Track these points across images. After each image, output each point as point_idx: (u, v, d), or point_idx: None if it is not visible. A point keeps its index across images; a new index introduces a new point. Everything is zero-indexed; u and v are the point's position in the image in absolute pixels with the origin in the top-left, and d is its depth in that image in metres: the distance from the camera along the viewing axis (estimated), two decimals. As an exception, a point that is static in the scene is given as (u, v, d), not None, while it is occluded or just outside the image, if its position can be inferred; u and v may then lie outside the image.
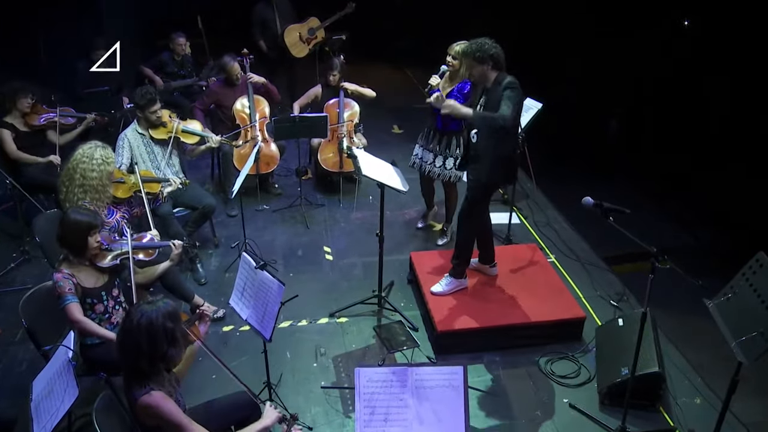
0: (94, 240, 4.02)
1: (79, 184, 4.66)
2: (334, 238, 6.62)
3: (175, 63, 8.48)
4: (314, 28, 8.99)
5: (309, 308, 5.53)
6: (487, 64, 4.70)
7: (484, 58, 4.67)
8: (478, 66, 4.73)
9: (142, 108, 5.73)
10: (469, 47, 4.76)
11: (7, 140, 6.12)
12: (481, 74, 4.77)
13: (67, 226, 3.99)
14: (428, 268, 5.62)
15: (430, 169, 6.12)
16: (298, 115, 6.58)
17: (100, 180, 4.68)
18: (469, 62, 4.79)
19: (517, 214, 6.94)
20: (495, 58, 4.69)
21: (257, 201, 7.20)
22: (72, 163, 4.71)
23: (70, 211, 4.04)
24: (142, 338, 2.99)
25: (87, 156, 4.68)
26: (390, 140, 8.81)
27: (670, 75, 9.52)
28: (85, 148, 4.73)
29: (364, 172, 4.79)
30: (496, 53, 4.68)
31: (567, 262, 6.21)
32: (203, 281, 5.87)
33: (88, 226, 3.98)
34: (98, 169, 4.67)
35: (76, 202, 4.65)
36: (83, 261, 4.06)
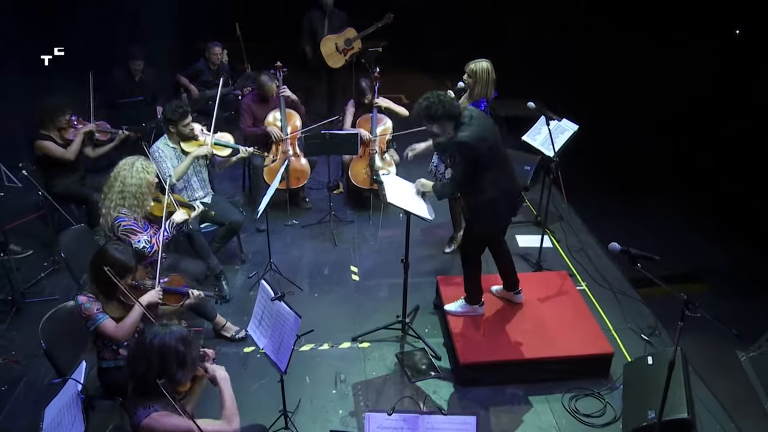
0: (126, 283, 3.95)
1: (118, 190, 4.70)
2: (362, 257, 6.55)
3: (211, 72, 8.50)
4: (351, 39, 8.94)
5: (332, 331, 5.48)
6: (441, 121, 4.60)
7: (436, 118, 4.58)
8: (435, 125, 4.64)
9: (175, 122, 5.74)
10: (417, 113, 4.66)
11: (52, 147, 6.20)
12: (442, 130, 4.68)
13: (101, 262, 3.88)
14: (454, 295, 5.50)
15: (441, 179, 6.06)
16: (329, 132, 6.51)
17: (139, 187, 4.71)
18: (426, 124, 4.70)
19: (550, 237, 6.78)
20: (446, 114, 4.58)
21: (287, 215, 7.16)
22: (114, 172, 4.78)
23: (108, 248, 3.96)
24: (153, 356, 3.00)
25: (128, 164, 4.75)
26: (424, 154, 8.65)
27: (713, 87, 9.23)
28: (127, 159, 4.81)
29: (389, 199, 4.70)
30: (443, 113, 4.56)
31: (598, 291, 6.03)
32: (228, 298, 5.84)
33: (123, 268, 3.91)
34: (137, 176, 4.71)
35: (113, 208, 4.69)
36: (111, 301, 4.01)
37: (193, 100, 8.47)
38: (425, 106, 4.56)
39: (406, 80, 11.36)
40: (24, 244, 6.53)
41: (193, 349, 3.16)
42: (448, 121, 4.59)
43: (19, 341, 5.38)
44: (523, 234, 6.77)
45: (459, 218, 6.55)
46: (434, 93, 4.59)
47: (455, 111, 4.59)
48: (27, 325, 5.48)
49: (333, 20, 8.95)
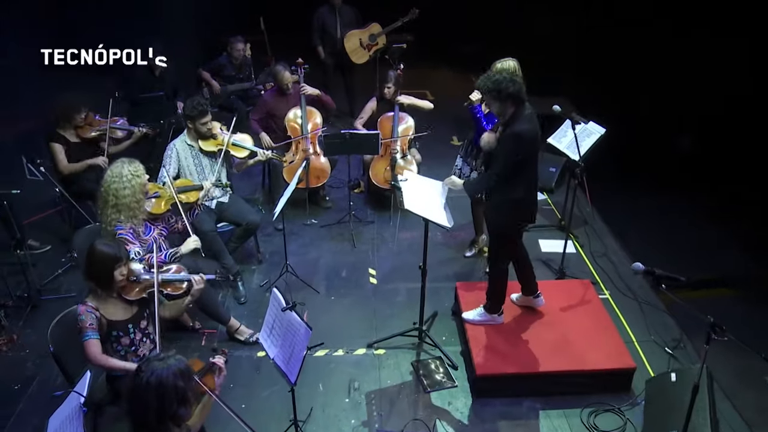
0: (120, 273, 3.94)
1: (112, 204, 4.59)
2: (381, 259, 6.44)
3: (233, 66, 8.41)
4: (375, 35, 8.81)
5: (347, 336, 5.39)
6: (506, 102, 4.47)
7: (502, 97, 4.44)
8: (496, 103, 4.51)
9: (193, 119, 5.67)
10: (485, 84, 4.50)
11: (58, 155, 6.16)
12: (500, 110, 4.55)
13: (93, 258, 3.92)
14: (473, 301, 5.37)
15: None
16: (349, 131, 6.39)
17: (133, 196, 4.61)
18: (487, 99, 4.57)
19: (574, 242, 6.61)
20: (514, 96, 4.44)
21: (306, 214, 7.07)
22: (104, 185, 4.63)
23: (96, 244, 3.96)
24: (151, 397, 2.89)
25: (116, 175, 4.59)
26: (447, 153, 8.46)
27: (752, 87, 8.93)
28: (113, 168, 4.64)
29: (407, 206, 4.58)
30: (514, 91, 4.43)
31: (622, 300, 5.86)
32: (243, 300, 5.78)
33: (113, 258, 3.91)
34: (130, 185, 4.59)
35: (110, 224, 4.60)
36: (110, 294, 3.99)
37: (215, 95, 8.39)
38: (496, 80, 4.41)
39: (431, 75, 11.21)
40: (42, 240, 6.53)
41: (194, 381, 3.07)
42: (512, 105, 4.46)
43: (34, 339, 5.36)
44: (547, 239, 6.61)
45: (481, 221, 6.40)
46: (510, 72, 4.48)
47: (523, 98, 4.47)
48: (42, 323, 5.39)
49: (344, 16, 8.85)
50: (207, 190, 5.23)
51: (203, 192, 5.18)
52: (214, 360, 3.64)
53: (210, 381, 3.53)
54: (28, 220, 6.74)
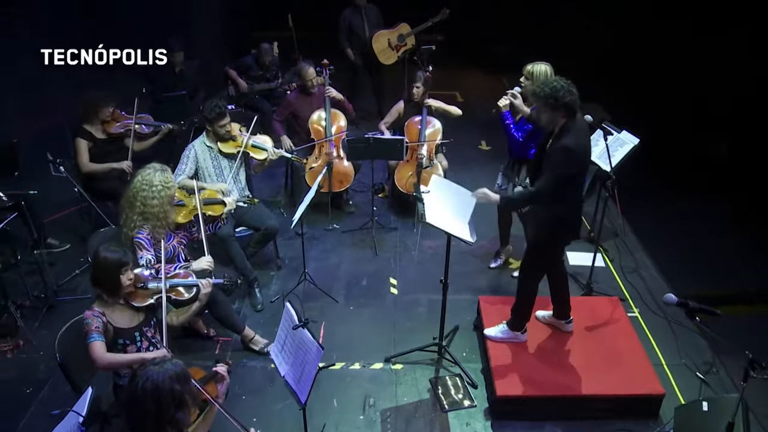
0: (126, 278, 3.85)
1: (139, 212, 4.50)
2: (402, 268, 6.27)
3: (260, 66, 8.30)
4: (404, 35, 8.63)
5: (364, 349, 5.23)
6: (559, 112, 4.23)
7: (557, 106, 4.20)
8: (549, 112, 4.26)
9: (211, 121, 5.58)
10: (541, 90, 4.23)
11: (82, 151, 6.12)
12: (550, 121, 4.31)
13: (98, 264, 3.84)
14: (496, 317, 5.18)
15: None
16: (373, 136, 6.23)
17: (161, 207, 4.52)
18: (540, 106, 4.30)
19: (603, 255, 6.39)
20: (569, 107, 4.21)
21: (328, 219, 6.92)
22: (132, 190, 4.55)
23: (100, 249, 3.87)
24: (148, 402, 2.80)
25: (147, 183, 4.50)
26: (475, 158, 8.35)
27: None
28: (144, 174, 4.55)
29: (428, 219, 4.39)
30: (570, 101, 4.19)
31: (652, 319, 5.62)
32: (260, 308, 5.65)
33: (118, 263, 3.81)
34: (159, 195, 4.51)
35: (133, 228, 4.50)
36: (117, 300, 3.89)
37: (240, 93, 8.30)
38: (554, 87, 4.16)
39: (461, 77, 11.02)
40: (62, 238, 6.46)
41: (191, 385, 2.96)
42: (564, 117, 4.23)
43: (49, 340, 5.25)
44: (575, 251, 6.36)
45: (508, 232, 6.22)
46: (565, 80, 4.21)
47: (576, 110, 4.25)
48: (57, 324, 5.25)
49: (370, 16, 8.70)
50: (231, 208, 5.11)
51: (227, 209, 5.09)
52: (216, 368, 3.57)
53: (212, 389, 3.42)
54: (49, 218, 6.73)
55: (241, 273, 5.56)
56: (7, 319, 5.42)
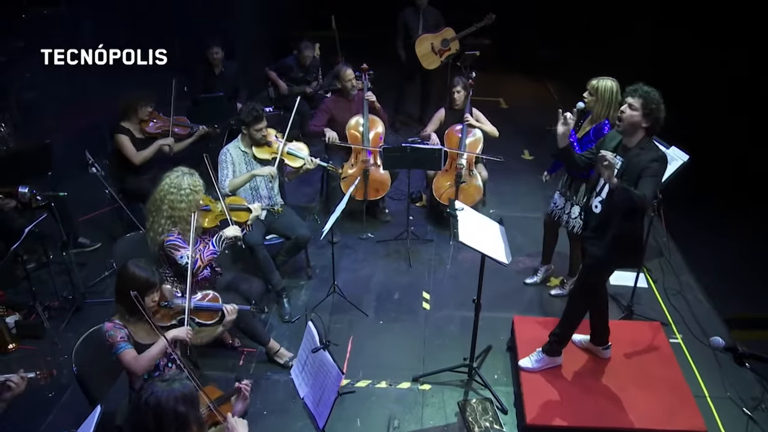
0: (151, 300, 3.70)
1: (167, 216, 4.38)
2: (437, 282, 6.07)
3: (301, 68, 8.18)
4: (448, 39, 8.41)
5: (392, 367, 5.05)
6: (647, 123, 4.00)
7: (651, 118, 3.98)
8: (641, 118, 4.00)
9: (248, 125, 5.46)
10: (649, 93, 3.98)
11: (127, 145, 6.11)
12: (633, 125, 4.04)
13: (124, 280, 3.68)
14: (531, 339, 4.95)
15: (560, 215, 5.51)
16: (410, 144, 6.03)
17: (189, 210, 4.39)
18: (637, 105, 4.00)
19: (646, 275, 6.10)
20: (659, 122, 4.01)
21: (362, 227, 6.76)
22: (159, 193, 4.42)
23: (129, 265, 3.71)
24: (149, 418, 2.69)
25: (174, 186, 4.38)
26: (517, 168, 8.07)
27: None
28: (173, 177, 4.43)
29: (461, 238, 4.18)
30: (662, 118, 4.00)
31: (695, 346, 5.31)
32: (287, 318, 5.51)
33: (145, 284, 3.65)
34: (186, 199, 4.37)
35: (160, 233, 4.39)
36: (140, 318, 3.76)
37: (280, 95, 8.19)
38: (661, 102, 3.97)
39: (505, 82, 10.75)
40: (93, 237, 6.44)
41: (198, 408, 2.83)
42: (645, 132, 4.03)
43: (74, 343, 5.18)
44: (617, 270, 6.07)
45: (551, 249, 5.99)
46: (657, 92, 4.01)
47: (658, 129, 4.06)
48: (83, 327, 5.20)
49: (428, 18, 8.46)
50: (257, 215, 4.97)
51: (253, 215, 4.93)
52: (239, 384, 3.47)
53: (227, 408, 3.28)
54: (83, 217, 6.72)
55: (268, 282, 5.44)
56: (35, 320, 5.39)
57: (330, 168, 5.97)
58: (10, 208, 5.68)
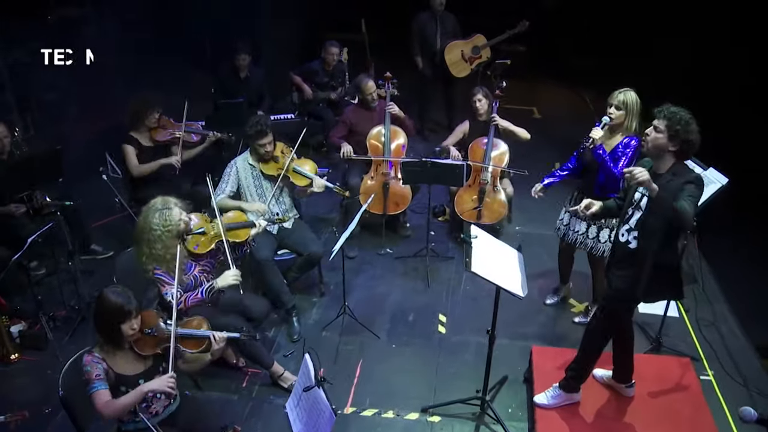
0: (129, 327, 3.48)
1: (146, 253, 4.15)
2: (454, 303, 5.80)
3: (326, 73, 7.97)
4: (479, 47, 8.12)
5: (401, 396, 4.79)
6: (674, 146, 3.70)
7: (678, 140, 3.68)
8: (666, 141, 3.71)
9: (250, 138, 5.26)
10: (675, 114, 3.69)
11: (130, 156, 5.98)
12: (658, 148, 3.76)
13: (99, 308, 3.50)
14: (549, 371, 4.66)
15: (582, 240, 5.17)
16: (430, 159, 5.77)
17: (166, 250, 4.11)
18: (662, 126, 3.72)
19: (678, 304, 5.75)
20: (689, 145, 3.70)
21: (381, 242, 6.52)
22: (137, 230, 4.21)
23: (105, 291, 3.52)
24: None
25: (147, 226, 4.12)
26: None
27: None
28: (143, 216, 4.17)
29: (474, 268, 3.90)
30: (693, 141, 3.68)
31: (728, 385, 4.95)
32: (296, 338, 5.30)
33: (119, 312, 3.44)
34: (160, 239, 4.10)
35: (146, 265, 4.18)
36: (120, 347, 3.57)
37: (305, 100, 8.00)
38: (689, 121, 3.66)
39: (539, 91, 10.41)
40: (106, 244, 6.32)
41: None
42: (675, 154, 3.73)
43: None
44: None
45: (569, 269, 5.72)
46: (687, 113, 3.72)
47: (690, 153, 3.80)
48: (88, 340, 5.14)
49: (445, 24, 8.18)
50: (259, 230, 4.72)
51: (255, 231, 4.68)
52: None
53: None
54: (97, 223, 6.61)
55: (277, 300, 5.25)
56: (39, 330, 5.27)
57: (337, 190, 5.70)
58: (21, 213, 5.60)
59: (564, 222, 5.32)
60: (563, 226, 5.32)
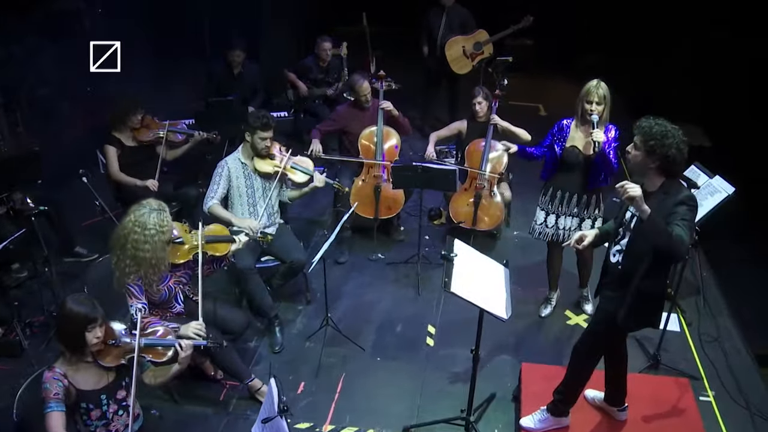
0: (94, 336, 3.32)
1: (131, 255, 3.97)
2: (445, 313, 5.57)
3: (320, 69, 7.75)
4: (481, 43, 7.84)
5: (382, 413, 4.58)
6: (653, 162, 3.46)
7: (656, 156, 3.43)
8: (643, 157, 3.48)
9: (254, 130, 5.04)
10: (650, 128, 3.44)
11: (111, 159, 5.84)
12: (639, 166, 3.54)
13: (62, 317, 3.34)
14: (539, 391, 4.42)
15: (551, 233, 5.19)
16: (420, 164, 5.53)
17: (153, 252, 3.95)
18: (638, 142, 3.50)
19: (679, 315, 5.50)
20: (669, 161, 3.42)
21: (373, 247, 6.30)
22: (123, 230, 4.01)
23: (68, 300, 3.35)
24: None
25: (139, 225, 3.94)
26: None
27: None
28: (137, 214, 3.98)
29: (453, 288, 3.67)
30: (673, 156, 3.40)
31: (729, 407, 4.68)
32: (278, 349, 5.11)
33: (84, 320, 3.28)
34: (152, 240, 3.94)
35: (126, 273, 4.00)
36: (82, 359, 3.41)
37: (300, 97, 7.78)
38: (666, 133, 3.39)
39: (547, 87, 10.10)
40: (91, 247, 6.13)
41: None
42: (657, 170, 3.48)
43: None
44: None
45: (557, 274, 5.54)
46: (683, 135, 3.45)
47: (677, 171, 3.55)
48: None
49: (452, 18, 7.89)
50: (240, 246, 4.52)
51: (235, 246, 4.48)
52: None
53: None
54: (86, 222, 6.45)
55: (259, 309, 5.07)
56: (14, 338, 5.10)
57: (336, 186, 5.50)
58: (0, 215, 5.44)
59: (549, 224, 5.18)
60: (549, 229, 5.19)
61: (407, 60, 8.85)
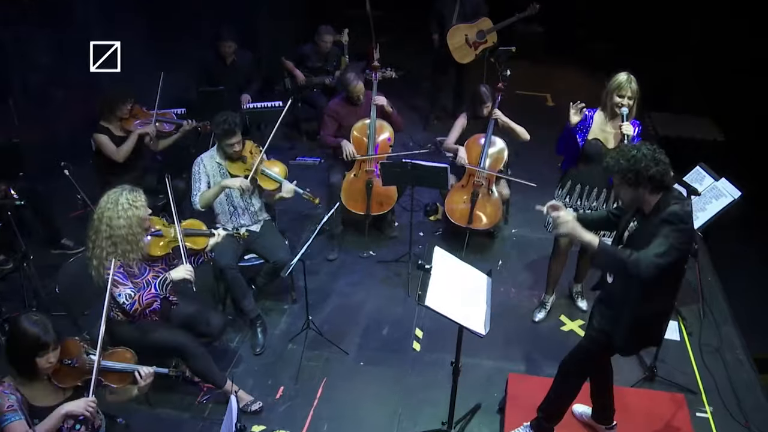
0: (46, 361, 3.15)
1: (106, 236, 3.89)
2: (434, 316, 5.25)
3: (319, 57, 7.53)
4: (485, 31, 7.57)
5: (361, 422, 4.42)
6: (642, 188, 3.26)
7: (638, 182, 3.23)
8: (629, 190, 3.30)
9: (218, 137, 4.90)
10: (616, 162, 3.29)
11: (106, 144, 5.72)
12: (633, 200, 3.36)
13: (12, 336, 3.18)
14: (525, 405, 4.19)
15: None
16: (411, 161, 5.30)
17: (129, 228, 3.88)
18: (617, 182, 3.35)
19: (680, 324, 5.27)
20: (657, 179, 3.22)
21: (365, 243, 6.12)
22: (97, 213, 3.96)
23: (22, 318, 3.18)
24: None
25: (111, 202, 3.91)
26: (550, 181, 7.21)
27: None
28: (110, 193, 3.96)
29: (428, 302, 3.47)
30: (656, 172, 3.20)
31: (728, 424, 4.45)
32: (258, 351, 4.95)
33: (34, 344, 3.10)
34: (125, 215, 3.87)
35: (104, 258, 3.89)
36: (35, 378, 3.25)
37: (297, 86, 7.58)
38: (633, 157, 3.22)
39: (555, 76, 9.80)
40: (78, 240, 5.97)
41: None
42: (652, 193, 3.28)
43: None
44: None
45: (557, 279, 5.30)
46: (649, 146, 3.28)
47: (667, 184, 3.29)
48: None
49: (465, 6, 7.61)
50: (218, 239, 4.36)
51: (214, 241, 4.33)
52: None
53: None
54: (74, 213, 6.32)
55: (239, 311, 4.93)
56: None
57: (306, 196, 5.21)
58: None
59: None
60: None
61: (413, 46, 8.61)
